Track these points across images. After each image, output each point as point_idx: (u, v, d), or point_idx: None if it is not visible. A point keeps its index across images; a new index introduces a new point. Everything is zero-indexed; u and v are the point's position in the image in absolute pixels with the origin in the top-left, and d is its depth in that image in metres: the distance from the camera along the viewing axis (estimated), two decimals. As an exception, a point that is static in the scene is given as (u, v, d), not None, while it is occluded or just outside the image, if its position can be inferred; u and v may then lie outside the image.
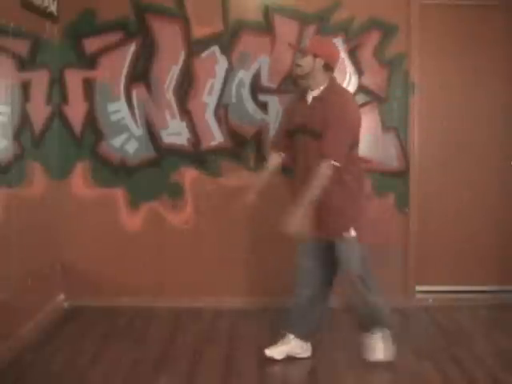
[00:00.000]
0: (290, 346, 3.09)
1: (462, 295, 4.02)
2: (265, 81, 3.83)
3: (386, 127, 3.91)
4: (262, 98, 3.83)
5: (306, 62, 2.91)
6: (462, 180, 4.02)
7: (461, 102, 3.98)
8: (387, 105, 3.89)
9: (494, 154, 4.02)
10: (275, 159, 3.14)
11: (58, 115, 3.82)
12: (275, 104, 3.84)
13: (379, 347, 3.03)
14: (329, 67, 2.93)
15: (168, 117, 3.85)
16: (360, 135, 3.00)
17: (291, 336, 3.10)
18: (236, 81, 3.80)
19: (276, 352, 3.08)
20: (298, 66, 2.95)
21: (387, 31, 3.84)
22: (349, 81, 3.87)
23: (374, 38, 3.85)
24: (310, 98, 2.95)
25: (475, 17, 3.92)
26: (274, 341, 3.15)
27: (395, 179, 3.94)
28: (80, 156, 3.87)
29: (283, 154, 3.12)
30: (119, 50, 3.81)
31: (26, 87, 3.32)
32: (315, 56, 2.89)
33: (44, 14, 3.55)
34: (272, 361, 3.07)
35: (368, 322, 3.07)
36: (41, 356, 3.09)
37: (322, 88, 2.92)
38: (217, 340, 3.35)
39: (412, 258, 3.97)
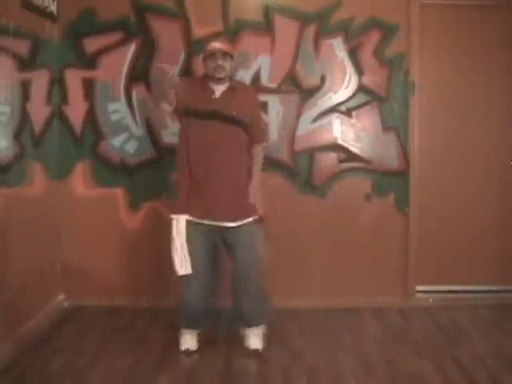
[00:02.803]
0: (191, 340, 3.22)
1: (462, 295, 4.02)
2: (265, 81, 3.83)
3: (386, 127, 3.91)
4: (261, 97, 3.83)
5: (230, 64, 3.10)
6: (461, 180, 4.02)
7: (461, 102, 3.98)
8: (387, 105, 3.90)
9: (494, 154, 4.02)
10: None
11: (58, 115, 3.82)
12: (275, 104, 3.84)
13: (260, 338, 3.19)
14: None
15: (168, 117, 3.85)
16: None
17: (185, 331, 3.22)
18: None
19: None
20: (223, 68, 3.05)
21: (387, 31, 3.84)
22: (349, 81, 3.88)
23: (373, 37, 3.85)
24: (218, 89, 3.09)
25: (475, 17, 3.92)
26: (272, 341, 3.16)
27: (395, 179, 3.94)
28: (80, 156, 3.87)
29: None
30: (119, 49, 3.81)
31: (26, 87, 3.32)
32: (232, 57, 3.13)
33: (44, 13, 3.56)
34: (270, 360, 3.08)
35: (263, 314, 3.20)
36: (41, 356, 3.09)
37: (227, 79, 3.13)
38: (217, 340, 3.35)
39: (412, 258, 3.97)
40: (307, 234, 3.89)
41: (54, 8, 3.69)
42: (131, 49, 3.81)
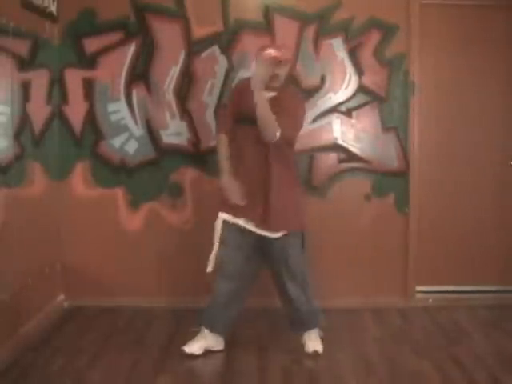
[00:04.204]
0: (207, 341, 3.14)
1: (462, 295, 4.02)
2: (265, 81, 3.83)
3: (385, 127, 3.91)
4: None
5: (285, 72, 3.02)
6: (461, 180, 4.02)
7: (461, 102, 3.98)
8: (387, 105, 3.90)
9: (494, 154, 4.03)
10: (225, 143, 3.12)
11: (58, 115, 3.82)
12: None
13: (318, 340, 3.20)
14: None
15: (168, 117, 3.85)
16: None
17: (206, 331, 3.15)
18: (236, 81, 3.79)
19: (195, 348, 3.11)
20: (277, 77, 2.97)
21: (387, 31, 3.84)
22: (349, 81, 3.88)
23: (373, 37, 3.85)
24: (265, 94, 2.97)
25: (475, 17, 3.92)
26: (272, 341, 3.16)
27: (395, 179, 3.94)
28: (80, 156, 3.87)
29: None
30: (119, 49, 3.81)
31: (26, 87, 3.32)
32: (287, 64, 3.05)
33: (44, 13, 3.55)
34: (270, 360, 3.08)
35: (311, 319, 3.20)
36: (41, 356, 3.09)
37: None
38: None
39: (412, 258, 3.97)
40: (307, 234, 3.88)
41: (53, 8, 3.68)
42: (131, 49, 3.81)
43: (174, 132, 3.87)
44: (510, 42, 3.95)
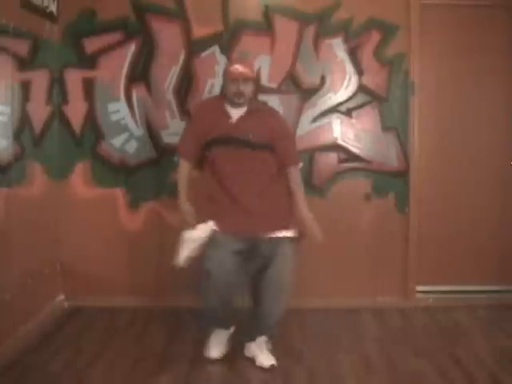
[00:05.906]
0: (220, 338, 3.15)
1: (462, 295, 4.02)
2: (265, 81, 3.83)
3: (385, 127, 3.91)
4: (262, 97, 3.83)
5: (252, 88, 2.97)
6: (461, 180, 4.02)
7: (461, 102, 3.98)
8: (387, 105, 3.90)
9: (494, 154, 4.02)
10: (187, 169, 3.11)
11: (58, 115, 3.82)
12: (275, 104, 3.83)
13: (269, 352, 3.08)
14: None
15: (168, 117, 3.86)
16: None
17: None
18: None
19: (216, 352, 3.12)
20: (243, 94, 2.92)
21: (387, 31, 3.84)
22: (349, 81, 3.88)
23: (374, 37, 3.85)
24: (235, 113, 2.97)
25: (475, 16, 3.91)
26: (271, 341, 3.16)
27: (395, 179, 3.94)
28: (80, 156, 3.87)
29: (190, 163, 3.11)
30: (119, 49, 3.81)
31: (26, 87, 3.32)
32: (254, 81, 3.01)
33: (44, 13, 3.55)
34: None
35: (273, 327, 3.11)
36: (41, 356, 3.09)
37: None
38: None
39: (412, 258, 3.97)
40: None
41: (54, 8, 3.69)
42: (131, 49, 3.81)
43: (174, 132, 3.85)
44: (510, 42, 3.95)
